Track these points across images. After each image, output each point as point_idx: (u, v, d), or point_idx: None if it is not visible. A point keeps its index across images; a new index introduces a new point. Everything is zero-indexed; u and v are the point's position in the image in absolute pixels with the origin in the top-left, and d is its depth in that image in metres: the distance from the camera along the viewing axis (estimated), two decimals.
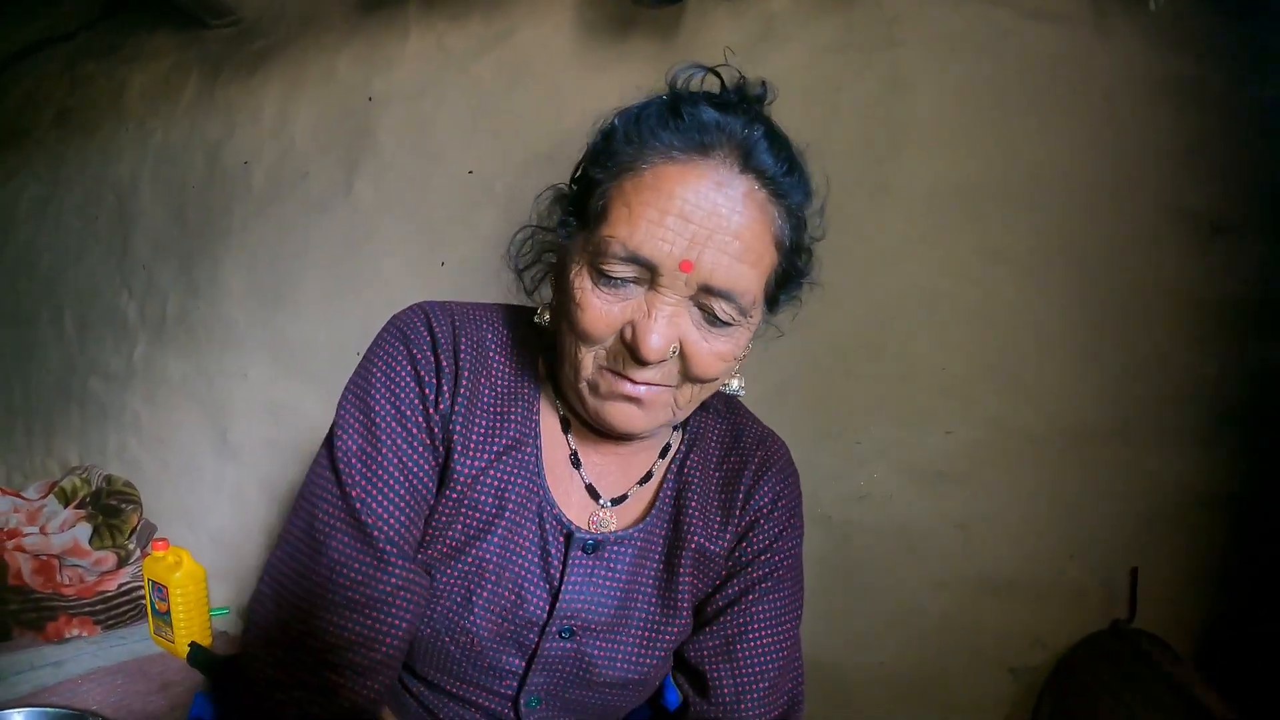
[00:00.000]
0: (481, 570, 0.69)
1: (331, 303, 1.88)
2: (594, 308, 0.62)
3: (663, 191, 0.60)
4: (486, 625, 0.70)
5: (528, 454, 0.72)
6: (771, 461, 0.80)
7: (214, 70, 2.16)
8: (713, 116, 0.61)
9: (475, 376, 0.71)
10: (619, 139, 0.64)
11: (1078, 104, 1.23)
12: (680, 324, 0.62)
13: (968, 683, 1.32)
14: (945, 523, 1.31)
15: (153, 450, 2.24)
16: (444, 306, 0.73)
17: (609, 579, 0.74)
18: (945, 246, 1.30)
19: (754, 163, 0.61)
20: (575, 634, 0.72)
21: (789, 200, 0.64)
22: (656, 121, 0.62)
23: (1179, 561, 1.23)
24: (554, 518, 0.72)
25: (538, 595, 0.71)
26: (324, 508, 0.66)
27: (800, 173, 0.66)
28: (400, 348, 0.70)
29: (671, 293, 0.61)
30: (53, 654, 1.68)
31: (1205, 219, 1.19)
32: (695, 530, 0.76)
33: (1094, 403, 1.24)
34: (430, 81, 1.75)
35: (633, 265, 0.61)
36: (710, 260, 0.60)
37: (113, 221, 2.38)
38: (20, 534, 1.99)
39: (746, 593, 0.77)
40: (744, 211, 0.60)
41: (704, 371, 0.65)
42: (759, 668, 0.75)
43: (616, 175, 0.63)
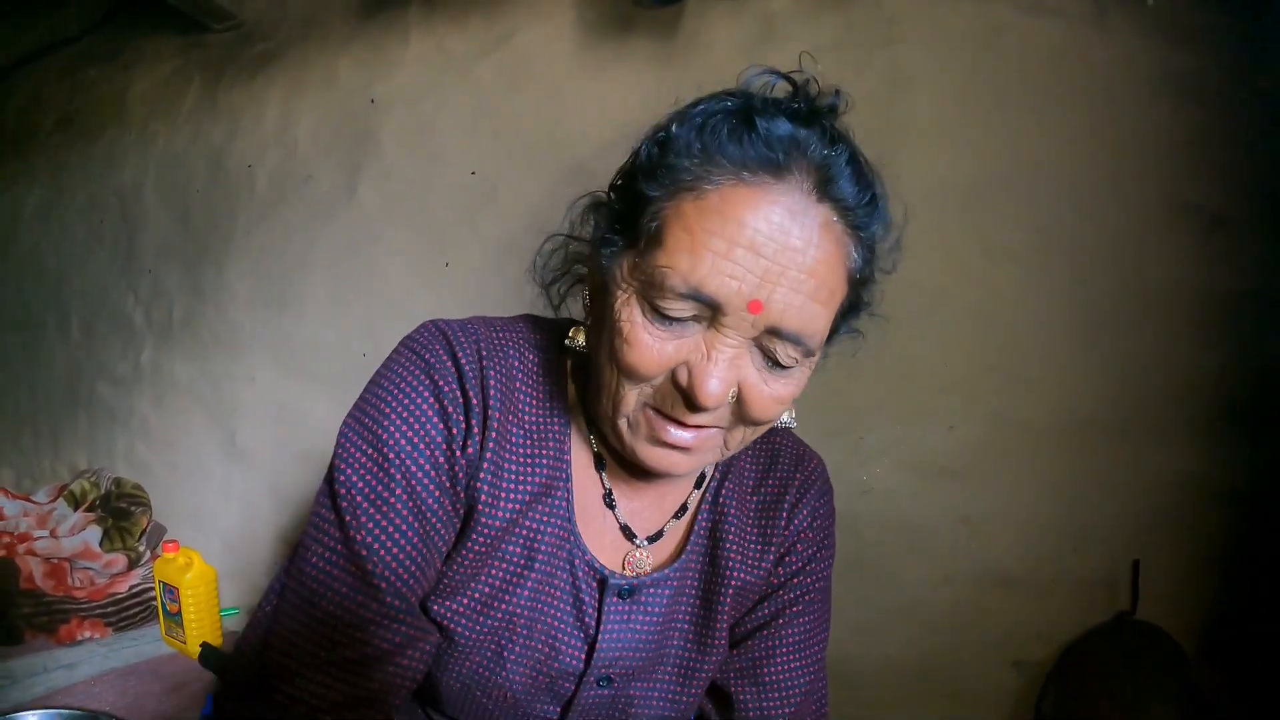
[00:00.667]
0: (512, 624, 0.65)
1: (337, 305, 1.89)
2: (644, 344, 0.55)
3: (731, 219, 0.52)
4: (520, 679, 0.66)
5: (558, 499, 0.66)
6: (811, 483, 0.77)
7: (216, 74, 2.16)
8: (788, 131, 0.54)
9: (504, 417, 0.63)
10: (678, 151, 0.55)
11: (1078, 99, 1.23)
12: (741, 367, 0.56)
13: (972, 676, 1.33)
14: (949, 517, 1.32)
15: (161, 453, 2.25)
16: (465, 329, 0.65)
17: (645, 622, 0.70)
18: (946, 243, 1.30)
19: (834, 190, 0.55)
20: (613, 681, 0.70)
21: (866, 232, 0.58)
22: (727, 134, 0.54)
23: (1182, 555, 1.23)
24: (586, 564, 0.68)
25: (573, 645, 0.68)
26: (319, 553, 0.59)
27: (881, 204, 0.60)
28: (422, 378, 0.62)
29: (734, 334, 0.55)
30: (65, 656, 1.69)
31: (1206, 213, 1.19)
32: (734, 565, 0.72)
33: (1096, 397, 1.24)
34: (432, 84, 1.76)
35: (693, 303, 0.54)
36: (782, 300, 0.53)
37: (117, 226, 2.39)
38: (31, 538, 2.01)
39: (777, 616, 0.74)
40: (820, 245, 0.54)
41: (761, 415, 0.59)
42: (785, 691, 0.73)
43: (675, 194, 0.55)
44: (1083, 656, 1.26)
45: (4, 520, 2.14)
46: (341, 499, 0.59)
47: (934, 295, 1.31)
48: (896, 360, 1.34)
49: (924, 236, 1.31)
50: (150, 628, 1.90)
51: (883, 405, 1.35)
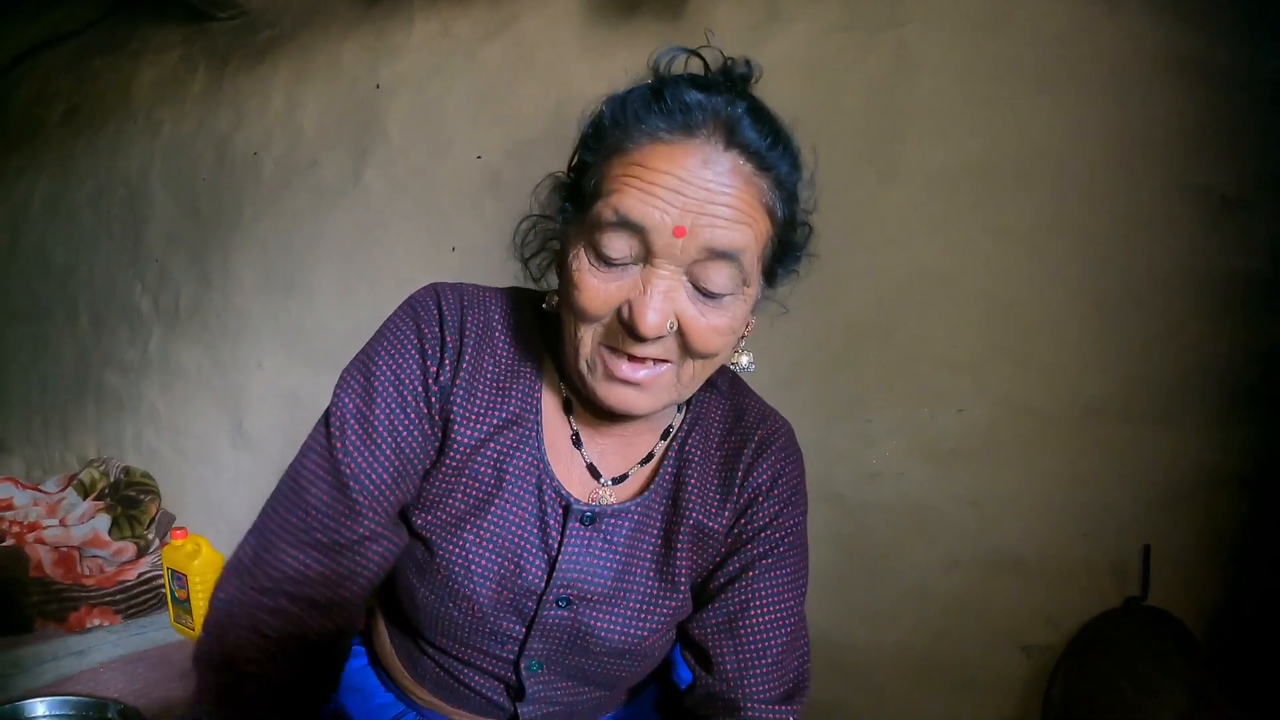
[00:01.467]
0: (481, 539, 0.72)
1: (343, 291, 1.89)
2: (590, 286, 0.64)
3: (651, 167, 0.61)
4: (486, 592, 0.72)
5: (528, 429, 0.74)
6: (771, 439, 0.80)
7: (221, 62, 2.17)
8: (696, 98, 0.62)
9: (479, 352, 0.74)
10: (606, 123, 0.65)
11: (1085, 80, 1.22)
12: (676, 299, 0.63)
13: (981, 661, 1.33)
14: (957, 501, 1.32)
15: (170, 441, 2.27)
16: (455, 287, 0.76)
17: (606, 551, 0.75)
18: (953, 226, 1.29)
19: (738, 138, 0.62)
20: (572, 603, 0.74)
21: (776, 171, 0.65)
22: (641, 105, 0.63)
23: (1192, 540, 1.22)
24: (553, 490, 0.74)
25: (536, 564, 0.73)
26: (312, 459, 0.71)
27: (786, 145, 0.66)
28: (409, 321, 0.73)
29: (667, 264, 0.62)
30: (75, 644, 1.72)
31: (1216, 194, 1.17)
32: (693, 507, 0.77)
33: (1105, 381, 1.23)
34: (436, 69, 1.76)
35: (625, 233, 0.62)
36: (706, 224, 0.61)
37: (124, 215, 2.40)
38: (40, 527, 2.03)
39: (747, 569, 0.77)
40: (732, 184, 0.62)
41: (703, 346, 0.65)
42: (762, 644, 0.75)
43: (606, 157, 0.64)
44: (1092, 642, 1.25)
45: (14, 510, 2.16)
46: (334, 418, 0.71)
47: (941, 278, 1.31)
48: (904, 343, 1.33)
49: (931, 219, 1.31)
50: (159, 615, 1.92)
51: (890, 388, 1.35)
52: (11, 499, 2.20)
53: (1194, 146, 1.18)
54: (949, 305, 1.31)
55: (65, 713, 1.38)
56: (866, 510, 1.36)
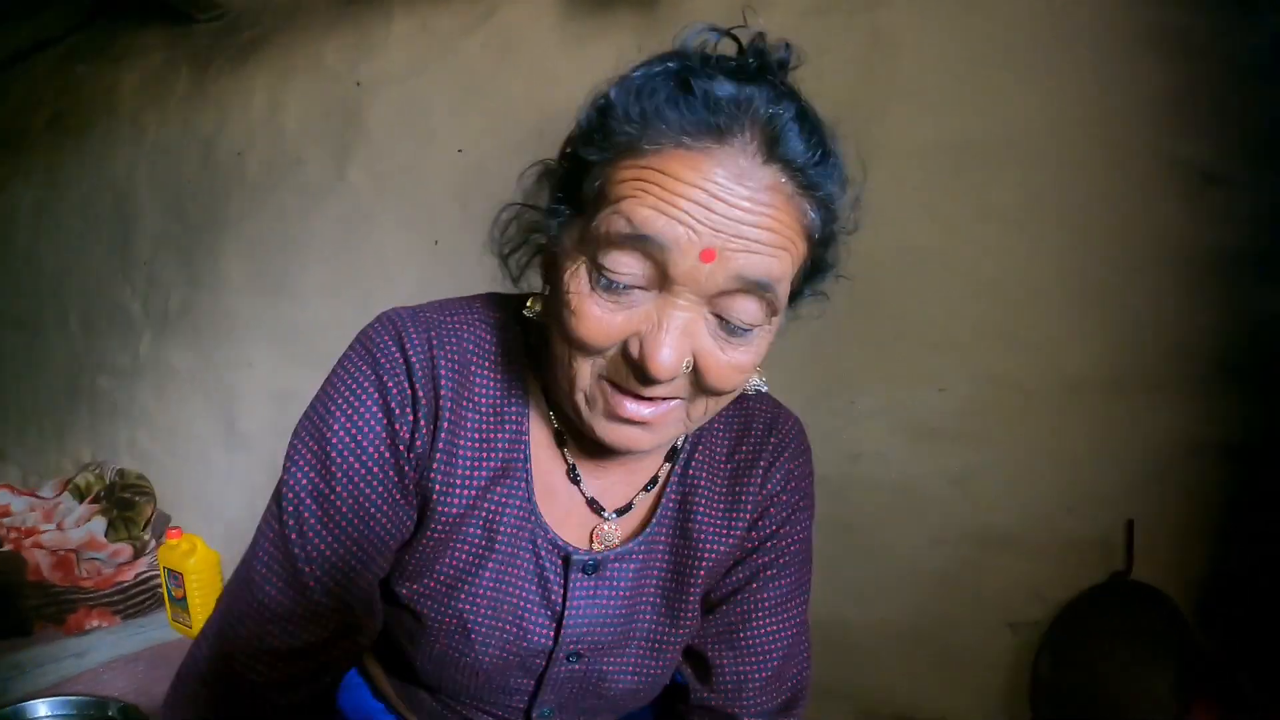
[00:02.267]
0: (476, 606, 0.65)
1: (332, 288, 1.90)
2: (592, 315, 0.53)
3: (673, 176, 0.50)
4: (489, 658, 0.66)
5: (517, 480, 0.65)
6: (784, 446, 0.74)
7: (203, 64, 2.17)
8: (730, 92, 0.51)
9: (458, 404, 0.62)
10: (617, 116, 0.53)
11: (1064, 56, 1.22)
12: (695, 335, 0.53)
13: (968, 637, 1.34)
14: (942, 479, 1.32)
15: (163, 442, 2.28)
16: (417, 319, 0.63)
17: (612, 596, 0.69)
18: (935, 204, 1.30)
19: (781, 151, 0.51)
20: (583, 656, 0.69)
21: (822, 190, 0.54)
22: (664, 99, 0.51)
23: (1177, 513, 1.22)
24: (549, 542, 0.67)
25: (540, 624, 0.67)
26: (264, 551, 0.61)
27: (834, 160, 0.56)
28: (368, 373, 0.61)
29: (687, 293, 0.52)
30: (74, 646, 1.73)
31: (1197, 168, 1.17)
32: (707, 537, 0.70)
33: (1088, 355, 1.24)
34: (417, 64, 1.76)
35: (639, 252, 0.51)
36: (740, 248, 0.51)
37: (112, 219, 2.40)
38: (38, 531, 2.05)
39: (751, 580, 0.73)
40: (771, 203, 0.51)
41: (720, 384, 0.56)
42: (761, 655, 0.72)
43: (615, 158, 0.53)
44: (1078, 617, 1.26)
45: (11, 516, 2.17)
46: (285, 499, 0.60)
47: (923, 256, 1.31)
48: (886, 322, 1.34)
49: (912, 198, 1.31)
50: (157, 614, 1.94)
51: (873, 368, 1.35)
52: (8, 505, 2.21)
53: (1174, 121, 1.18)
54: (931, 284, 1.31)
55: (67, 713, 1.41)
56: (851, 490, 1.37)
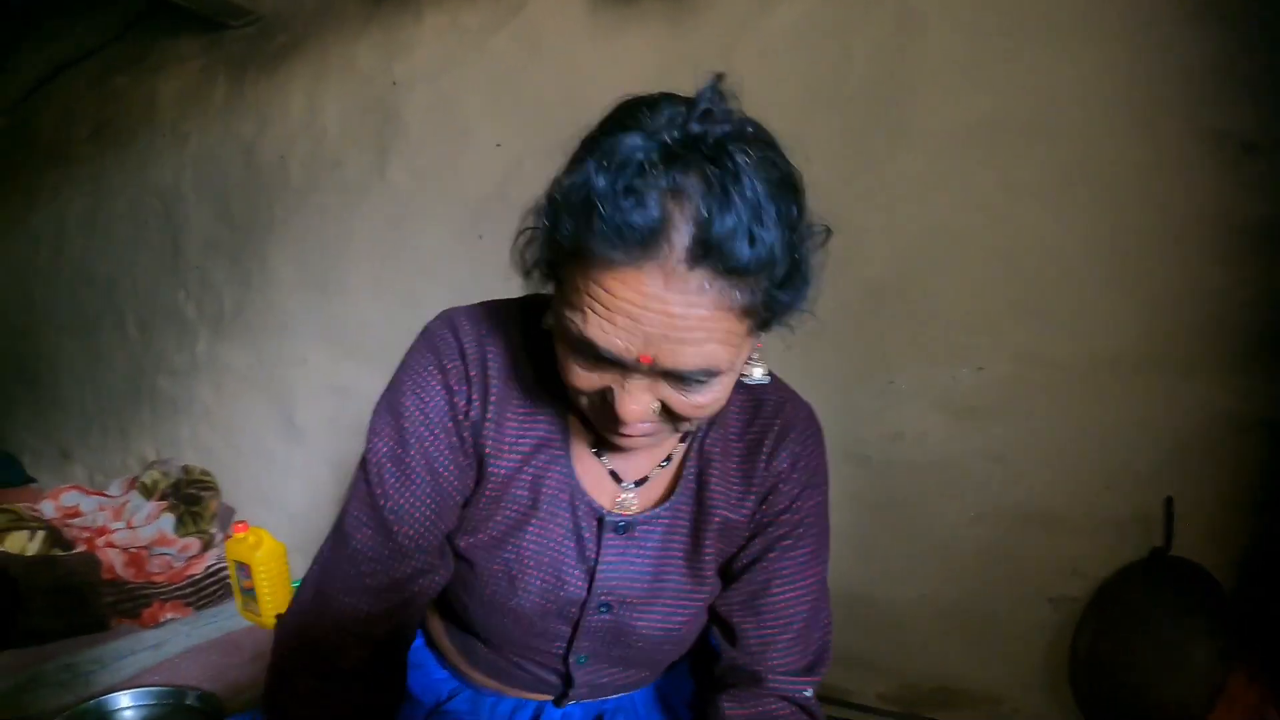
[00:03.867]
0: (521, 557, 0.75)
1: (378, 284, 1.95)
2: (575, 373, 0.63)
3: (605, 290, 0.54)
4: (531, 605, 0.76)
5: (557, 449, 0.76)
6: (790, 426, 0.80)
7: (240, 70, 2.22)
8: (643, 220, 0.51)
9: (505, 381, 0.74)
10: (560, 216, 0.56)
11: (1097, 26, 1.20)
12: (657, 389, 0.61)
13: (1008, 613, 1.35)
14: (981, 457, 1.33)
15: (225, 438, 2.36)
16: (470, 316, 0.76)
17: (640, 556, 0.78)
18: (967, 183, 1.30)
19: (708, 254, 0.52)
20: (613, 608, 0.78)
21: (756, 275, 0.55)
22: (585, 225, 0.53)
23: (1217, 488, 1.22)
24: (586, 504, 0.77)
25: (576, 576, 0.77)
26: (355, 506, 0.74)
27: (771, 236, 0.54)
28: (430, 358, 0.74)
29: (639, 374, 0.60)
30: (151, 638, 1.80)
31: (1235, 139, 1.15)
32: (718, 504, 0.79)
33: (1126, 331, 1.23)
34: (449, 61, 1.79)
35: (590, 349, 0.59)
36: (670, 351, 0.56)
37: (161, 226, 2.48)
38: (109, 530, 2.14)
39: (768, 550, 0.79)
40: (699, 304, 0.54)
41: (690, 416, 0.63)
42: (783, 619, 0.79)
43: (567, 258, 0.58)
44: (1118, 593, 1.26)
45: (82, 516, 2.27)
46: (370, 464, 0.73)
47: (957, 235, 1.31)
48: (922, 302, 1.35)
49: (944, 177, 1.32)
50: (228, 604, 2.02)
51: (911, 348, 1.37)
52: (78, 506, 2.30)
53: (1211, 91, 1.15)
54: (966, 262, 1.32)
55: (147, 703, 1.49)
56: (891, 469, 1.39)
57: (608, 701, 0.89)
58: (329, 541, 0.75)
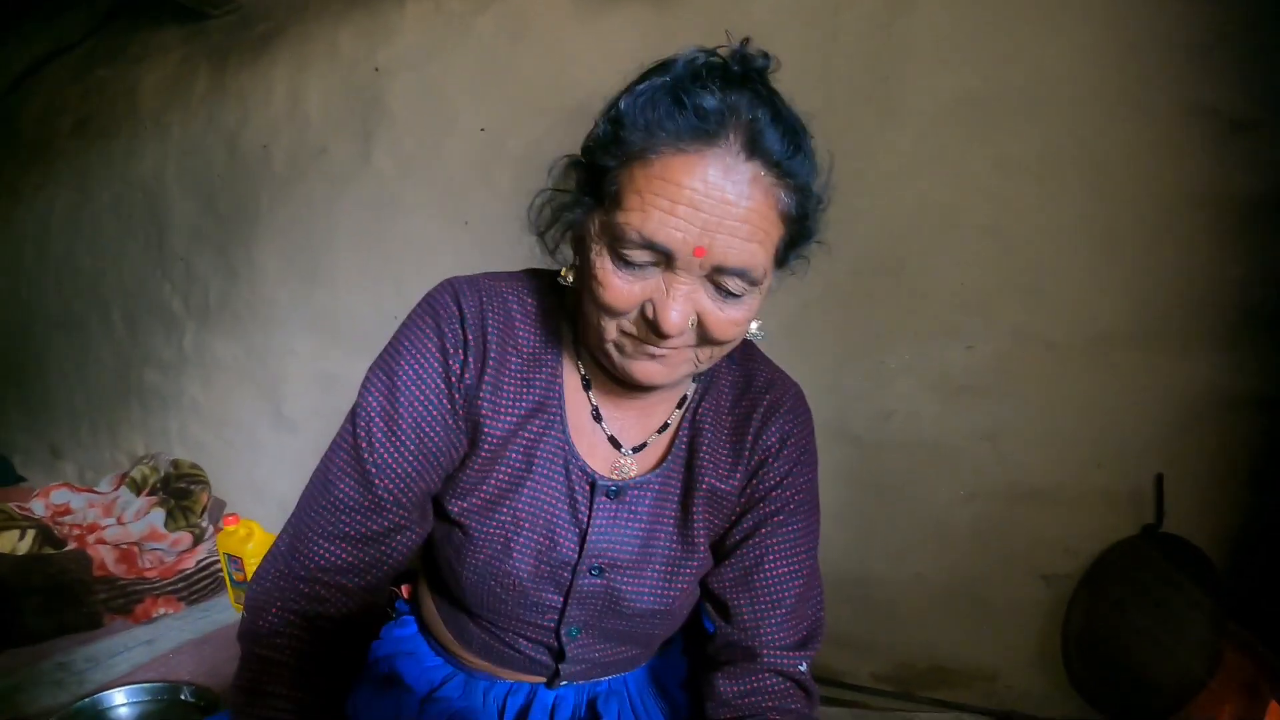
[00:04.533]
0: (517, 519, 0.76)
1: (364, 271, 1.94)
2: (615, 287, 0.66)
3: (672, 182, 0.62)
4: (525, 567, 0.77)
5: (553, 414, 0.78)
6: (780, 403, 0.83)
7: (221, 60, 2.19)
8: (715, 104, 0.62)
9: (502, 349, 0.76)
10: (626, 126, 0.64)
11: (1084, 4, 1.20)
12: (697, 299, 0.66)
13: (1001, 590, 1.36)
14: (973, 436, 1.34)
15: (214, 431, 2.35)
16: (472, 283, 0.78)
17: (631, 521, 0.80)
18: (956, 160, 1.29)
19: (760, 149, 0.62)
20: (604, 571, 0.79)
21: (795, 179, 0.65)
22: (663, 112, 0.63)
23: (1207, 465, 1.23)
24: (579, 469, 0.78)
25: (568, 538, 0.78)
26: (339, 456, 0.75)
27: (805, 152, 0.66)
28: (430, 322, 0.75)
29: (687, 274, 0.64)
30: (143, 634, 1.78)
31: (1224, 116, 1.15)
32: (706, 472, 0.81)
33: (1116, 309, 1.24)
34: (433, 46, 1.77)
35: (649, 251, 0.64)
36: (722, 244, 0.62)
37: (145, 218, 2.45)
38: (99, 527, 2.11)
39: (760, 526, 0.81)
40: (750, 195, 0.62)
41: (721, 335, 0.68)
42: (776, 595, 0.80)
43: (627, 163, 0.64)
44: (1110, 569, 1.28)
45: (72, 514, 2.24)
46: (360, 417, 0.74)
47: (947, 213, 1.31)
48: (913, 281, 1.34)
49: (934, 155, 1.31)
50: (220, 597, 2.00)
51: (902, 327, 1.36)
52: (68, 503, 2.28)
53: (1198, 67, 1.16)
54: (956, 240, 1.31)
55: (142, 699, 1.47)
56: (883, 449, 1.39)
57: (600, 684, 0.90)
58: (309, 489, 0.76)
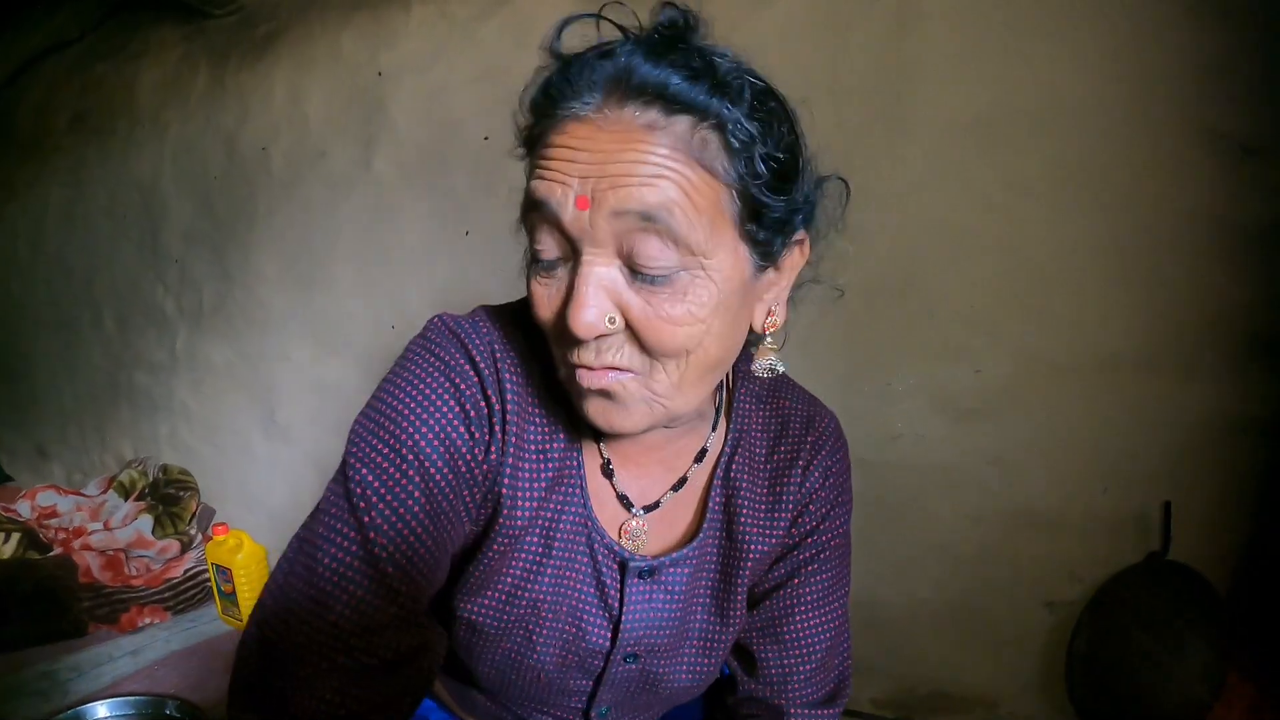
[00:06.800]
0: (538, 610, 0.66)
1: (362, 278, 1.91)
2: (537, 296, 0.57)
3: (548, 145, 0.55)
4: (550, 659, 0.69)
5: (572, 485, 0.67)
6: (822, 444, 0.75)
7: (222, 59, 2.17)
8: (578, 66, 0.55)
9: (521, 416, 0.63)
10: (521, 118, 0.60)
11: (1099, 24, 1.18)
12: (615, 289, 0.54)
13: (1005, 616, 1.34)
14: (978, 459, 1.32)
15: (204, 437, 2.32)
16: (477, 329, 0.64)
17: (667, 601, 0.71)
18: (965, 180, 1.28)
19: (632, 84, 0.52)
20: (640, 657, 0.72)
21: (699, 107, 0.52)
22: (536, 91, 0.58)
23: (1214, 491, 1.22)
24: (605, 547, 0.69)
25: (598, 625, 0.70)
26: (335, 554, 0.56)
27: (714, 76, 0.53)
28: (442, 380, 0.61)
29: (590, 248, 0.53)
30: (129, 644, 1.76)
31: (1235, 140, 1.14)
32: (752, 537, 0.72)
33: (1124, 332, 1.22)
34: (437, 51, 1.75)
35: (545, 225, 0.55)
36: (607, 186, 0.51)
37: (140, 218, 2.42)
38: (86, 532, 2.08)
39: (793, 575, 0.75)
40: (632, 136, 0.52)
41: (657, 341, 0.55)
42: (805, 648, 0.75)
43: (530, 154, 0.59)
44: (1115, 597, 1.26)
45: (59, 517, 2.21)
46: (357, 498, 0.57)
47: (956, 232, 1.29)
48: (920, 301, 1.33)
49: (943, 174, 1.29)
50: (208, 608, 1.97)
51: (908, 348, 1.35)
52: (54, 506, 2.24)
53: (1214, 91, 1.15)
54: (964, 261, 1.30)
55: (126, 713, 1.44)
56: (889, 471, 1.37)
57: None
58: (279, 601, 0.57)
